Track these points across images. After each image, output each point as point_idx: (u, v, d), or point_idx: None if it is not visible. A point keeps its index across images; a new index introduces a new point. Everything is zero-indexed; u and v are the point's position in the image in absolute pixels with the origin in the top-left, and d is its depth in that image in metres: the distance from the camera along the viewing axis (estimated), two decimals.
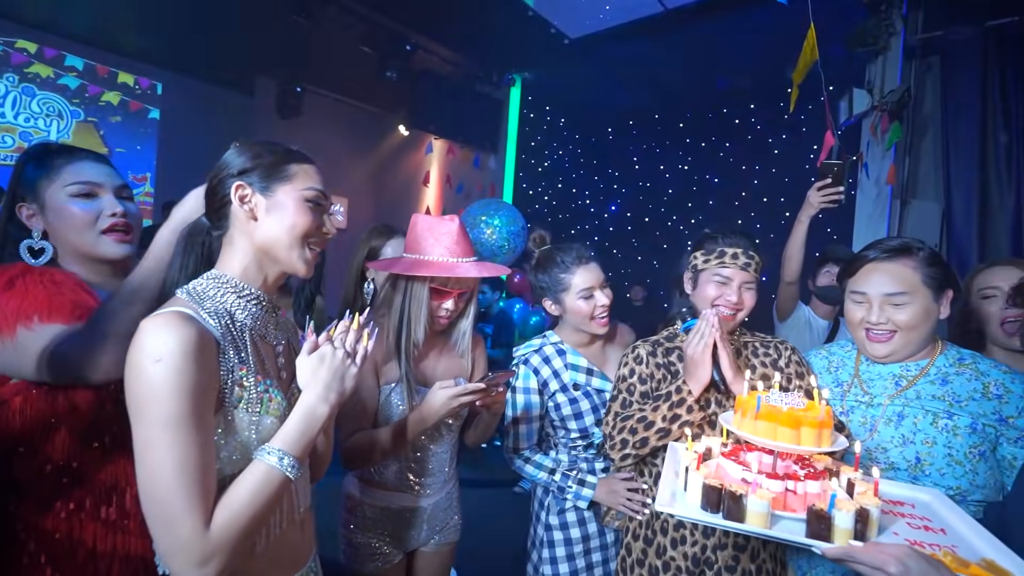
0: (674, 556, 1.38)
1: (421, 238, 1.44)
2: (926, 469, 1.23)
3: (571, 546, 1.61)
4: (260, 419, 0.91)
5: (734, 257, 1.38)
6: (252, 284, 0.98)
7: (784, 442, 1.02)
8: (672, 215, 5.58)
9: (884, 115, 3.50)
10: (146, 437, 0.80)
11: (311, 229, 0.99)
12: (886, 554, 0.84)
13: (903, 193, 3.75)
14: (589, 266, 1.62)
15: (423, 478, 1.51)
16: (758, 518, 0.94)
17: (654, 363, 1.48)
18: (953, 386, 1.27)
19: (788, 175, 4.74)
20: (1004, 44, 3.29)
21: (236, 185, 0.96)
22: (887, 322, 1.29)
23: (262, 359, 0.97)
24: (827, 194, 1.97)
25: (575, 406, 1.62)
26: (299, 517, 1.03)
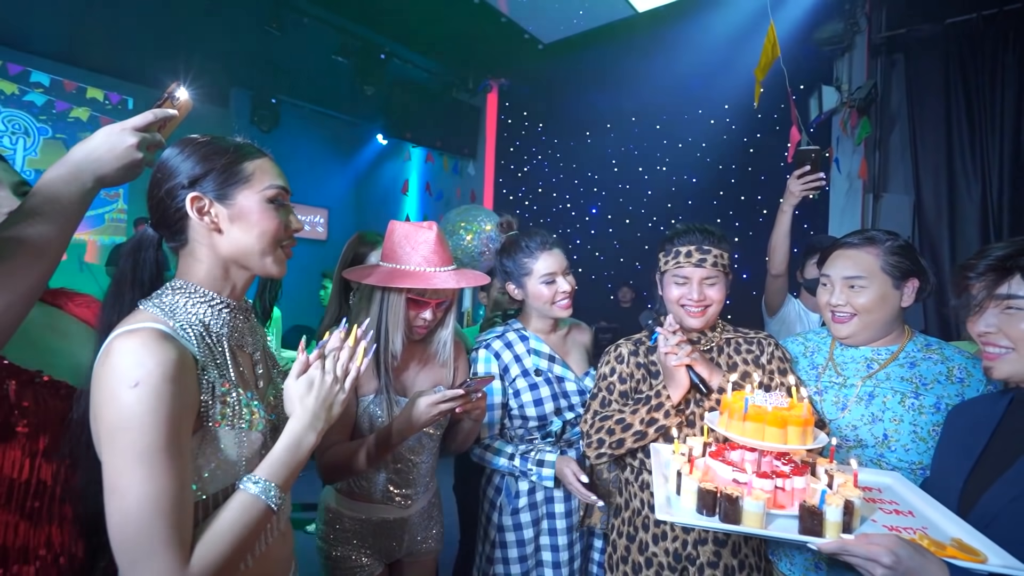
0: (656, 552, 1.38)
1: (398, 246, 1.41)
2: (892, 445, 1.31)
3: (524, 547, 1.60)
4: (246, 434, 0.87)
5: (688, 256, 1.39)
6: (221, 292, 0.92)
7: (772, 441, 1.04)
8: (652, 216, 5.63)
9: (853, 111, 3.59)
10: (118, 468, 0.73)
11: (280, 232, 0.93)
12: (877, 545, 0.86)
13: (875, 187, 3.84)
14: (552, 252, 1.63)
15: (405, 488, 1.48)
16: (754, 519, 0.95)
17: (635, 362, 1.48)
18: (920, 369, 1.35)
19: (764, 172, 4.82)
20: (964, 40, 3.40)
21: (191, 197, 0.87)
22: (846, 304, 1.38)
23: (241, 371, 0.92)
24: (807, 181, 1.97)
25: (535, 392, 1.61)
26: (283, 528, 1.00)
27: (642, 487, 1.44)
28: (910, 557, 0.85)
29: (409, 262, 1.40)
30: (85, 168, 0.86)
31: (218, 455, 0.84)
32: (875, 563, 0.86)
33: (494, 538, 1.62)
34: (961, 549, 0.89)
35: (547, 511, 1.61)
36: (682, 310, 1.41)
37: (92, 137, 0.88)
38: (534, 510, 1.61)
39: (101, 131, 0.88)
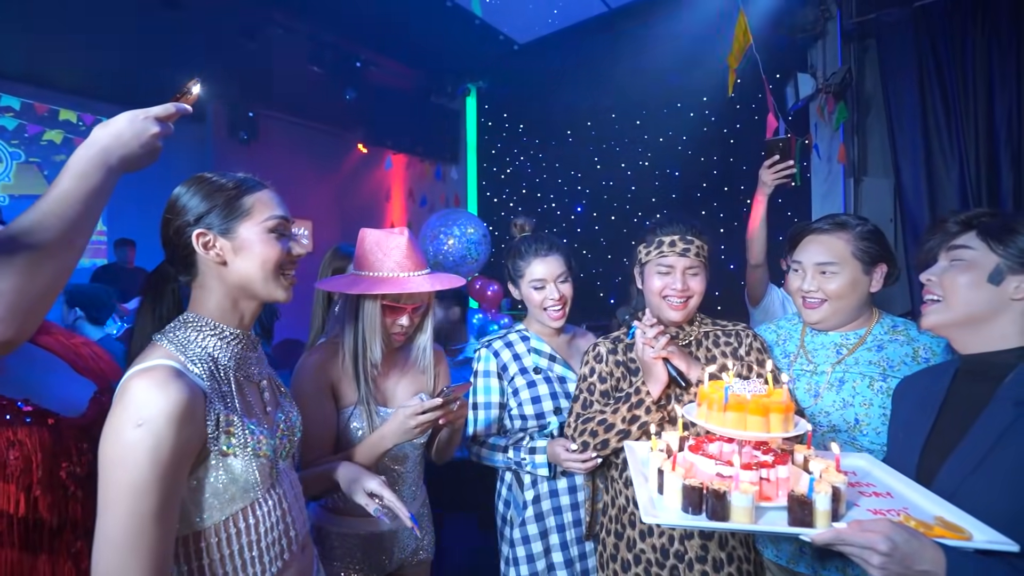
0: (643, 548, 1.37)
1: (369, 253, 1.39)
2: (864, 429, 1.32)
3: (534, 563, 1.57)
4: (252, 460, 0.91)
5: (671, 245, 1.39)
6: (230, 324, 0.97)
7: (755, 430, 1.01)
8: (637, 211, 5.63)
9: (829, 97, 3.61)
10: (106, 500, 0.78)
11: (282, 259, 0.99)
12: (872, 532, 0.84)
13: (855, 171, 3.86)
14: (547, 258, 1.63)
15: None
16: (743, 513, 0.92)
17: (614, 361, 1.47)
18: (887, 352, 1.37)
19: (745, 163, 4.83)
20: (933, 22, 3.42)
21: (197, 234, 0.93)
22: (818, 290, 1.39)
23: (248, 401, 0.97)
24: (778, 170, 2.00)
25: (533, 389, 1.60)
26: (302, 540, 1.03)
27: (626, 484, 1.43)
28: (906, 542, 0.83)
29: (382, 268, 1.38)
30: (113, 151, 0.88)
31: (227, 481, 0.89)
32: (871, 551, 0.84)
33: (507, 554, 1.62)
34: (946, 527, 0.87)
35: (554, 515, 1.59)
36: (663, 302, 1.40)
37: (115, 122, 0.90)
38: (541, 521, 1.59)
39: (124, 117, 0.91)
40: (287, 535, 0.98)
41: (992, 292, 1.01)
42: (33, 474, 0.86)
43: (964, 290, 1.03)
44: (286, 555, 0.98)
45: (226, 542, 0.89)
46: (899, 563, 0.82)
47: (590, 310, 5.12)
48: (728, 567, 1.33)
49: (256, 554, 0.92)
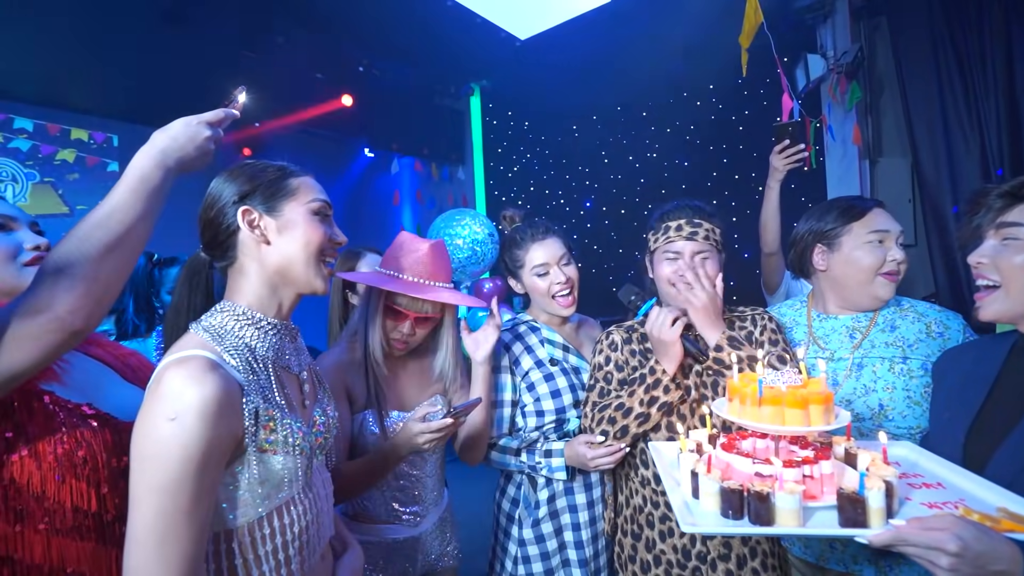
0: (664, 549, 1.33)
1: (393, 253, 1.40)
2: (889, 414, 1.27)
3: (549, 560, 1.52)
4: (288, 458, 0.89)
5: (678, 229, 1.34)
6: (267, 313, 0.95)
7: (794, 424, 0.93)
8: (647, 204, 5.56)
9: (841, 77, 3.52)
10: (136, 495, 0.76)
11: (324, 242, 0.98)
12: (938, 530, 0.76)
13: (870, 152, 3.76)
14: (544, 241, 1.56)
15: (410, 506, 1.42)
16: (790, 516, 0.83)
17: (628, 350, 1.43)
18: (901, 331, 1.32)
19: (755, 149, 4.74)
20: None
21: (243, 211, 0.93)
22: (904, 261, 1.34)
23: (287, 394, 0.94)
24: (789, 155, 1.96)
25: (551, 383, 1.53)
26: (322, 550, 1.00)
27: (643, 483, 1.38)
28: (977, 539, 0.74)
29: (398, 269, 1.36)
30: (170, 154, 0.94)
31: (263, 478, 0.86)
32: (939, 551, 0.75)
33: (516, 554, 1.54)
34: (1013, 519, 0.78)
35: (569, 513, 1.54)
36: (673, 289, 1.35)
37: (172, 127, 0.97)
38: (555, 519, 1.53)
39: (179, 122, 0.97)
40: (317, 538, 0.96)
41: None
42: (100, 472, 0.91)
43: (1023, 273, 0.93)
44: (315, 557, 0.95)
45: (260, 542, 0.86)
46: (971, 564, 0.74)
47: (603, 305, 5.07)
48: (752, 562, 1.28)
49: (291, 554, 0.89)
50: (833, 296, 1.43)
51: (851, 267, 1.35)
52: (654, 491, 1.36)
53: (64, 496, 0.88)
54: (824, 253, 1.40)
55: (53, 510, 0.87)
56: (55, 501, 0.87)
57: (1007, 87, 3.15)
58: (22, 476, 0.86)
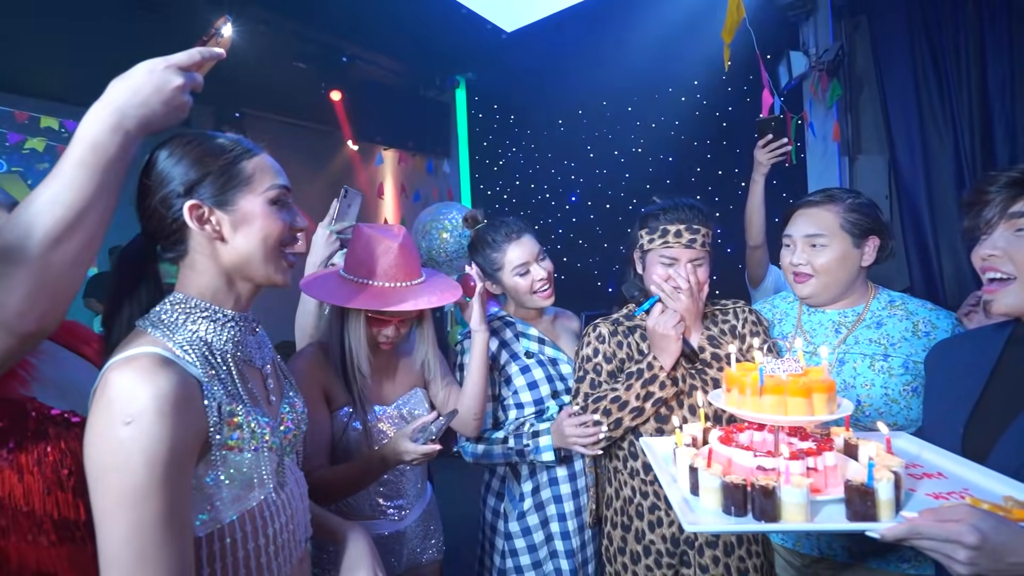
0: (653, 539, 1.35)
1: (359, 255, 1.32)
2: (866, 411, 1.30)
3: (536, 552, 1.53)
4: (257, 455, 0.83)
5: (677, 235, 1.34)
6: (224, 305, 0.87)
7: (797, 414, 0.90)
8: (632, 199, 5.59)
9: (822, 74, 3.58)
10: (106, 510, 0.68)
11: (284, 233, 0.89)
12: (955, 522, 0.72)
13: (850, 149, 3.84)
14: (520, 240, 1.56)
15: (396, 500, 1.42)
16: (797, 511, 0.79)
17: (615, 342, 1.45)
18: (887, 328, 1.34)
19: (739, 145, 4.80)
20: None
21: (190, 206, 0.81)
22: (807, 264, 1.36)
23: (250, 388, 0.87)
24: (772, 149, 1.99)
25: (528, 375, 1.55)
26: (299, 554, 0.94)
27: (632, 474, 1.40)
28: (996, 531, 0.71)
29: (370, 275, 1.30)
30: (129, 112, 0.75)
31: (232, 478, 0.80)
32: (956, 544, 0.71)
33: (503, 548, 1.55)
34: (1020, 507, 0.76)
35: (555, 504, 1.55)
36: (666, 285, 1.36)
37: (131, 75, 0.77)
38: (541, 511, 1.54)
39: (141, 68, 0.78)
40: (293, 541, 0.90)
41: None
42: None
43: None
44: (293, 559, 0.90)
45: (232, 548, 0.80)
46: (989, 556, 0.70)
47: (587, 299, 5.09)
48: (739, 549, 1.32)
49: (265, 561, 0.83)
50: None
51: (781, 265, 1.45)
52: (643, 481, 1.38)
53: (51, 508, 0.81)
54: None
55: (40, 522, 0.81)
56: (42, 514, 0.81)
57: (980, 87, 3.24)
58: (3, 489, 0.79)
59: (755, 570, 1.32)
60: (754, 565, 1.32)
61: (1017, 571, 0.72)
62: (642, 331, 1.44)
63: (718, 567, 1.31)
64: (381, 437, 1.37)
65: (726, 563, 1.31)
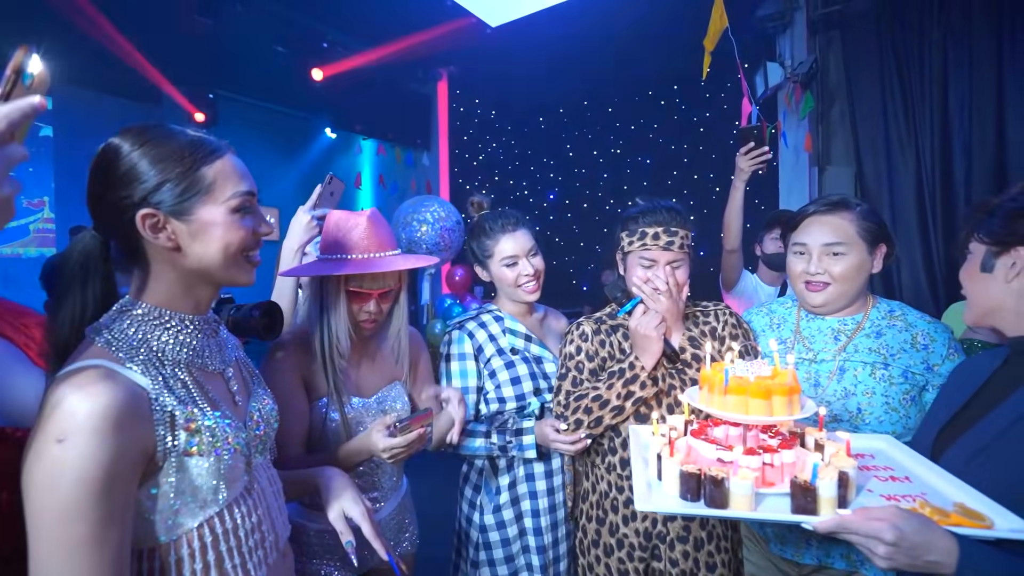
0: (627, 533, 1.38)
1: (331, 236, 1.33)
2: (866, 418, 1.30)
3: (509, 546, 1.55)
4: (221, 458, 0.80)
5: (655, 238, 1.36)
6: (181, 311, 0.84)
7: (757, 414, 0.96)
8: (609, 199, 5.67)
9: (796, 86, 3.69)
10: (33, 527, 0.66)
11: (247, 241, 0.84)
12: (878, 520, 0.80)
13: (819, 160, 3.97)
14: (515, 234, 1.58)
15: (371, 491, 1.42)
16: (743, 501, 0.88)
17: (598, 340, 1.47)
18: (886, 338, 1.34)
19: (715, 151, 4.91)
20: (894, 16, 3.53)
21: (142, 216, 0.77)
22: (824, 273, 1.34)
23: (209, 393, 0.84)
24: (754, 156, 2.03)
25: (512, 370, 1.57)
26: (283, 548, 0.94)
27: (608, 469, 1.43)
28: (915, 531, 0.78)
29: (344, 251, 1.31)
30: None
31: (193, 484, 0.77)
32: (877, 540, 0.79)
33: (477, 540, 1.57)
34: (965, 515, 0.83)
35: (530, 500, 1.57)
36: (647, 286, 1.39)
37: None
38: (516, 505, 1.56)
39: None
40: (267, 539, 0.88)
41: (988, 279, 1.02)
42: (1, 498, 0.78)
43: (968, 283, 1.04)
44: (270, 559, 0.88)
45: (200, 553, 0.78)
46: (906, 553, 0.78)
47: (562, 297, 5.14)
48: (708, 545, 1.36)
49: (238, 562, 0.82)
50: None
51: (790, 273, 1.44)
52: (620, 476, 1.41)
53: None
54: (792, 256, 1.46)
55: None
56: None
57: (941, 107, 3.40)
58: None
59: (723, 565, 1.37)
60: (722, 560, 1.37)
61: (933, 569, 0.79)
62: (624, 330, 1.46)
63: (688, 561, 1.34)
64: (360, 429, 1.36)
65: (695, 558, 1.35)
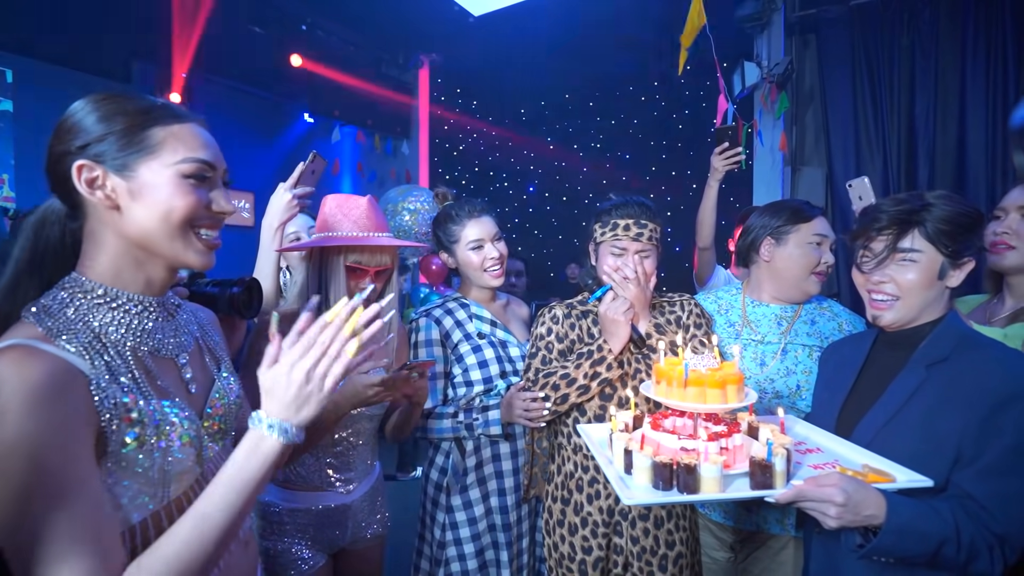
0: (591, 511, 1.45)
1: (331, 216, 1.39)
2: (803, 394, 1.48)
3: (475, 525, 1.59)
4: (168, 450, 0.76)
5: (626, 229, 1.45)
6: (129, 288, 0.79)
7: (714, 403, 1.07)
8: (588, 192, 5.71)
9: (772, 86, 3.77)
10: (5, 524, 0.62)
11: (195, 212, 0.78)
12: (828, 486, 0.91)
13: (793, 160, 4.07)
14: (480, 219, 1.66)
15: (345, 473, 1.43)
16: (712, 484, 0.95)
17: (568, 323, 1.54)
18: (819, 326, 1.55)
19: (692, 148, 4.99)
20: (867, 21, 3.64)
21: (78, 166, 0.73)
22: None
23: (155, 379, 0.79)
24: (728, 156, 2.09)
25: (479, 354, 1.61)
26: (244, 537, 0.90)
27: (575, 450, 1.49)
28: (856, 490, 0.91)
29: (342, 229, 1.38)
30: None
31: (133, 478, 0.73)
32: (829, 503, 0.90)
33: (444, 520, 1.60)
34: (874, 473, 0.97)
35: (496, 480, 1.61)
36: (617, 275, 1.46)
37: None
38: (482, 485, 1.60)
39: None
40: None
41: (937, 286, 1.11)
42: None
43: (920, 289, 1.10)
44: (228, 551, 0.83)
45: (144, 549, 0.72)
46: (852, 511, 0.90)
47: (540, 289, 5.18)
48: (667, 523, 1.43)
49: None
50: (769, 285, 1.60)
51: (792, 262, 1.54)
52: (585, 456, 1.47)
53: None
54: (771, 246, 1.57)
55: None
56: None
57: (908, 113, 3.54)
58: None
59: (681, 543, 1.45)
60: (681, 538, 1.44)
61: (870, 521, 0.92)
62: (594, 316, 1.53)
63: (648, 538, 1.42)
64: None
65: (655, 535, 1.42)
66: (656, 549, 1.41)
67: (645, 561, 1.41)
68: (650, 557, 1.41)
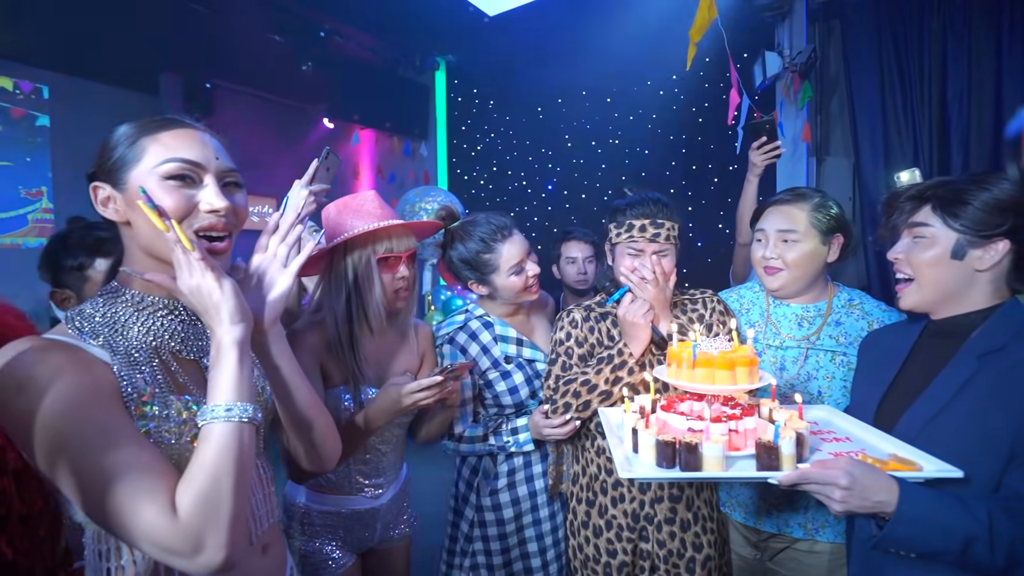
0: (615, 514, 1.43)
1: (339, 218, 1.35)
2: (825, 400, 1.41)
3: (504, 526, 1.59)
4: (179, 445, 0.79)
5: (642, 230, 1.39)
6: (155, 292, 0.84)
7: (722, 384, 1.06)
8: (608, 189, 5.65)
9: (795, 76, 3.67)
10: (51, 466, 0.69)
11: (178, 212, 0.79)
12: (833, 468, 0.90)
13: (818, 150, 3.96)
14: (513, 239, 1.54)
15: (375, 479, 1.45)
16: (714, 463, 0.96)
17: (587, 327, 1.51)
18: (845, 327, 1.45)
19: (713, 141, 4.90)
20: (894, 6, 3.51)
21: (93, 187, 0.82)
22: (778, 258, 1.43)
23: (175, 376, 0.83)
24: (767, 150, 2.04)
25: (508, 380, 1.58)
26: (258, 542, 0.91)
27: (598, 452, 1.48)
28: (864, 474, 0.89)
29: (358, 225, 1.33)
30: None
31: None
32: (833, 486, 0.89)
33: (472, 518, 1.60)
34: (899, 463, 0.95)
35: (527, 483, 1.61)
36: (634, 276, 1.42)
37: None
38: (513, 489, 1.60)
39: None
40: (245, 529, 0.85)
41: (958, 267, 1.04)
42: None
43: (930, 268, 1.06)
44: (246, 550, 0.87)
45: None
46: (858, 495, 0.88)
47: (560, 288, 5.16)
48: (695, 526, 1.40)
49: None
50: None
51: (752, 258, 1.52)
52: (608, 459, 1.44)
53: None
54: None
55: None
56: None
57: (939, 98, 3.40)
58: None
59: (710, 545, 1.41)
60: (709, 540, 1.41)
61: (880, 508, 0.89)
62: (613, 318, 1.49)
63: (674, 541, 1.39)
64: None
65: (682, 538, 1.39)
66: (683, 552, 1.39)
67: (672, 564, 1.39)
68: (677, 560, 1.39)
